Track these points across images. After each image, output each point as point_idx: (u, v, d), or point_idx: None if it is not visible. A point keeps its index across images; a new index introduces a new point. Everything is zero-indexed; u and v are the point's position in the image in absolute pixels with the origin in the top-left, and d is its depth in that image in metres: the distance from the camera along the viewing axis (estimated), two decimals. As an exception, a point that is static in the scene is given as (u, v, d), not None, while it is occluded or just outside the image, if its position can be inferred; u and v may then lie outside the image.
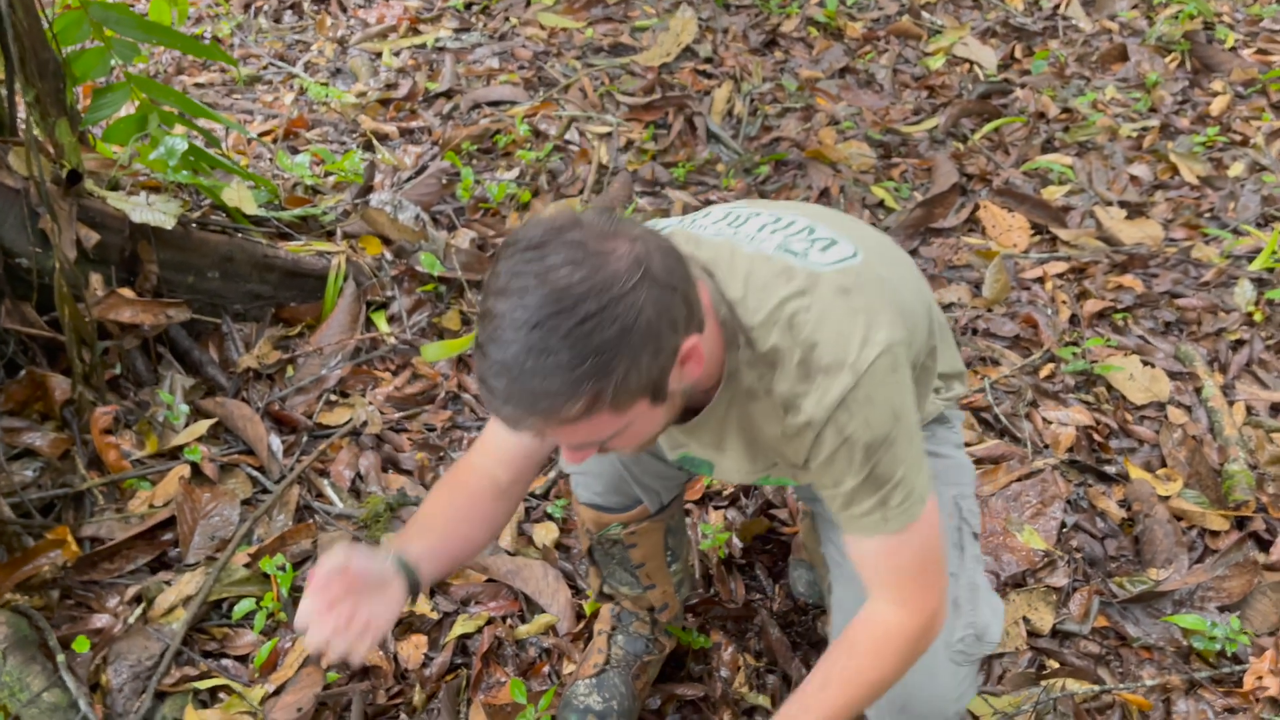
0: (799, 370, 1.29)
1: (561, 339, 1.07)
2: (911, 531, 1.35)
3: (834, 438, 1.29)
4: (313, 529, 2.24)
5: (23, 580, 2.04)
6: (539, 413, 1.11)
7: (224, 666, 1.99)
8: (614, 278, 1.09)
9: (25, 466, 2.25)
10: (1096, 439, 2.50)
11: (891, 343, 1.30)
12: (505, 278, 1.11)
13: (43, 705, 1.84)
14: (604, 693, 1.91)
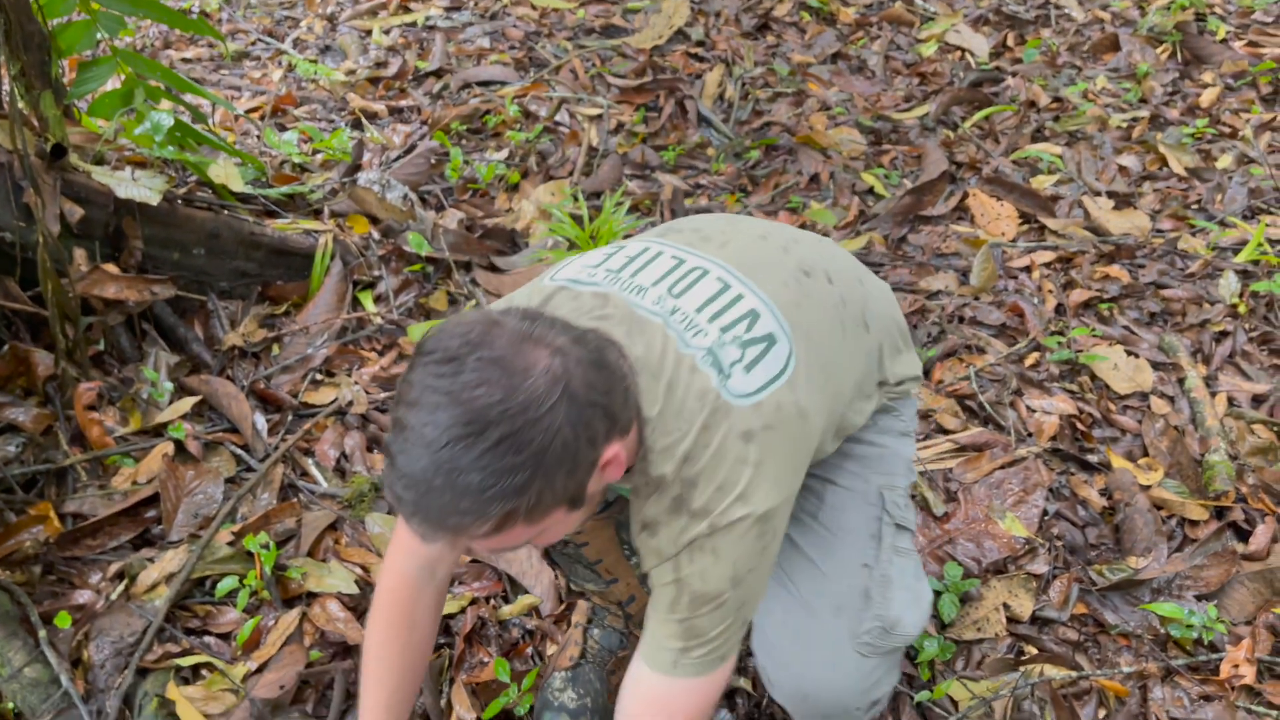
0: (671, 503, 1.28)
1: (473, 461, 1.04)
2: (691, 687, 1.34)
3: (670, 573, 1.30)
4: (297, 508, 2.24)
5: (4, 555, 2.03)
6: (448, 529, 1.10)
7: (206, 644, 1.99)
8: (530, 400, 1.05)
9: (7, 442, 2.24)
10: (1079, 428, 2.51)
11: (768, 508, 1.29)
12: (417, 390, 1.06)
13: (24, 680, 1.84)
14: (579, 688, 1.91)
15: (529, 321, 1.12)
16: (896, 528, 1.67)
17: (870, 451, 1.69)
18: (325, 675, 1.94)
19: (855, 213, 3.37)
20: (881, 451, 1.69)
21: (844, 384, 1.50)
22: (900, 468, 1.72)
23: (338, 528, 2.23)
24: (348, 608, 2.06)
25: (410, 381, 1.07)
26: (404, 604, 1.54)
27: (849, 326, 1.52)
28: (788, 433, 1.32)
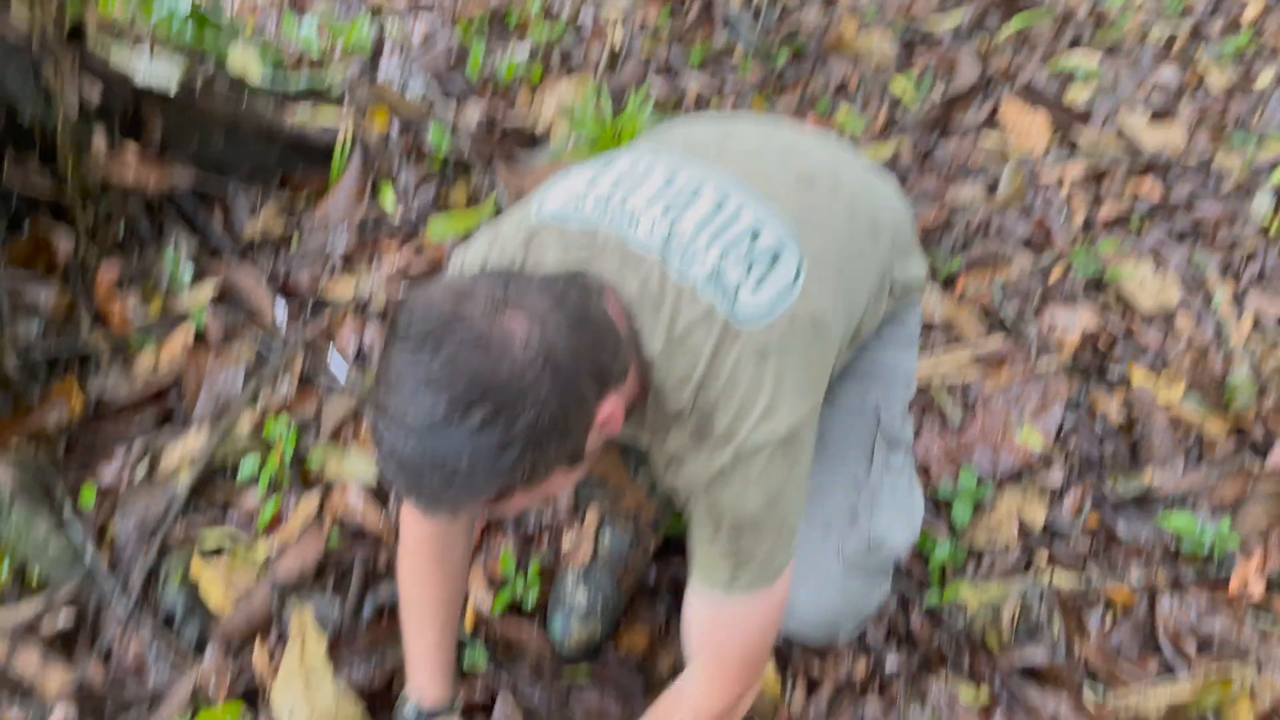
0: (692, 434, 1.25)
1: (460, 444, 1.01)
2: (749, 604, 1.33)
3: (704, 506, 1.28)
4: (317, 395, 2.25)
5: (30, 433, 2.06)
6: (445, 507, 1.08)
7: (229, 525, 2.02)
8: (512, 376, 1.01)
9: (30, 322, 2.25)
10: (1102, 343, 2.49)
11: (790, 426, 1.25)
12: (396, 373, 1.02)
13: (50, 551, 1.87)
14: (589, 589, 1.94)
15: (503, 286, 1.07)
16: (890, 444, 1.66)
17: (871, 368, 1.67)
18: (345, 559, 1.97)
19: (883, 120, 3.30)
20: (882, 367, 1.67)
21: (857, 290, 1.46)
22: (899, 382, 1.70)
23: (358, 416, 2.24)
24: (367, 495, 2.08)
25: (388, 363, 1.03)
26: (428, 547, 1.55)
27: (858, 230, 1.48)
28: (804, 346, 1.29)
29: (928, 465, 2.22)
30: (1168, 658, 1.93)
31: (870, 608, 1.71)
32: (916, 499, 1.71)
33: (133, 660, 1.82)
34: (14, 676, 1.78)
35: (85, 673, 1.79)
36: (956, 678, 1.91)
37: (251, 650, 1.84)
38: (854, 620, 1.71)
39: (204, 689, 1.76)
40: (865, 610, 1.70)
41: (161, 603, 1.88)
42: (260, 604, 1.85)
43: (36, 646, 1.80)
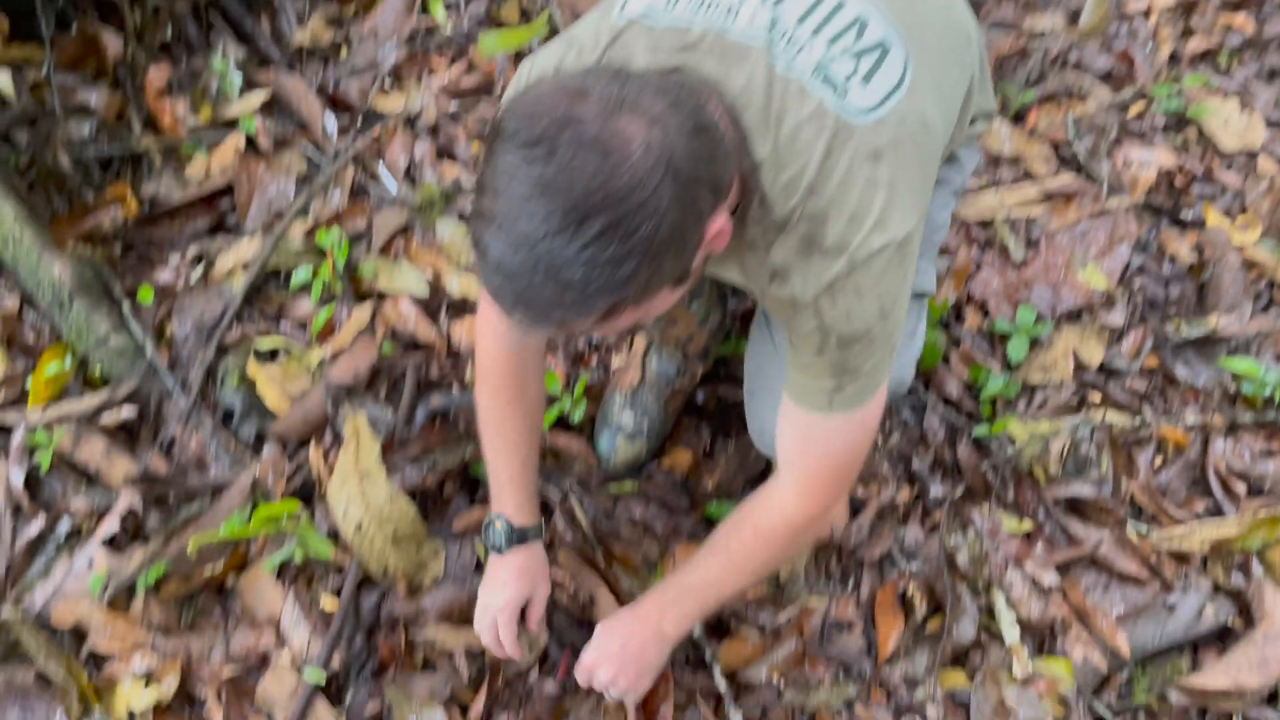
0: (800, 243, 1.17)
1: (575, 254, 0.94)
2: (849, 420, 1.30)
3: (812, 320, 1.21)
4: (367, 208, 2.23)
5: (85, 233, 2.07)
6: (553, 323, 1.01)
7: (283, 330, 2.04)
8: (631, 182, 0.93)
9: (81, 124, 2.23)
10: (1178, 182, 2.39)
11: (906, 233, 1.18)
12: (505, 177, 0.95)
13: (110, 348, 1.91)
14: (636, 411, 1.94)
15: (619, 85, 0.98)
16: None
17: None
18: (398, 367, 1.99)
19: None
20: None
21: (952, 98, 1.39)
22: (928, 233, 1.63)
23: (408, 231, 2.23)
24: (419, 307, 2.09)
25: (495, 167, 0.96)
26: (507, 373, 1.53)
27: (953, 37, 1.40)
28: (915, 146, 1.22)
29: (986, 300, 2.17)
30: (1217, 498, 1.92)
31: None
32: (912, 346, 1.64)
33: (193, 454, 1.87)
34: (80, 466, 1.85)
35: (148, 464, 1.85)
36: (1000, 508, 1.92)
37: (307, 451, 1.88)
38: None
39: (262, 484, 1.81)
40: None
41: (220, 401, 1.92)
42: (315, 406, 1.88)
43: (100, 437, 1.85)
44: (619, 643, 1.50)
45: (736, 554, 1.45)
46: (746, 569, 1.47)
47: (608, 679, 1.49)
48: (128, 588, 1.72)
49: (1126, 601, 1.80)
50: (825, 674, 1.74)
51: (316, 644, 1.70)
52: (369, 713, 1.66)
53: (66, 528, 1.77)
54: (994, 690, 1.70)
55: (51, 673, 1.63)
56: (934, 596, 1.80)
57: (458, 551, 1.80)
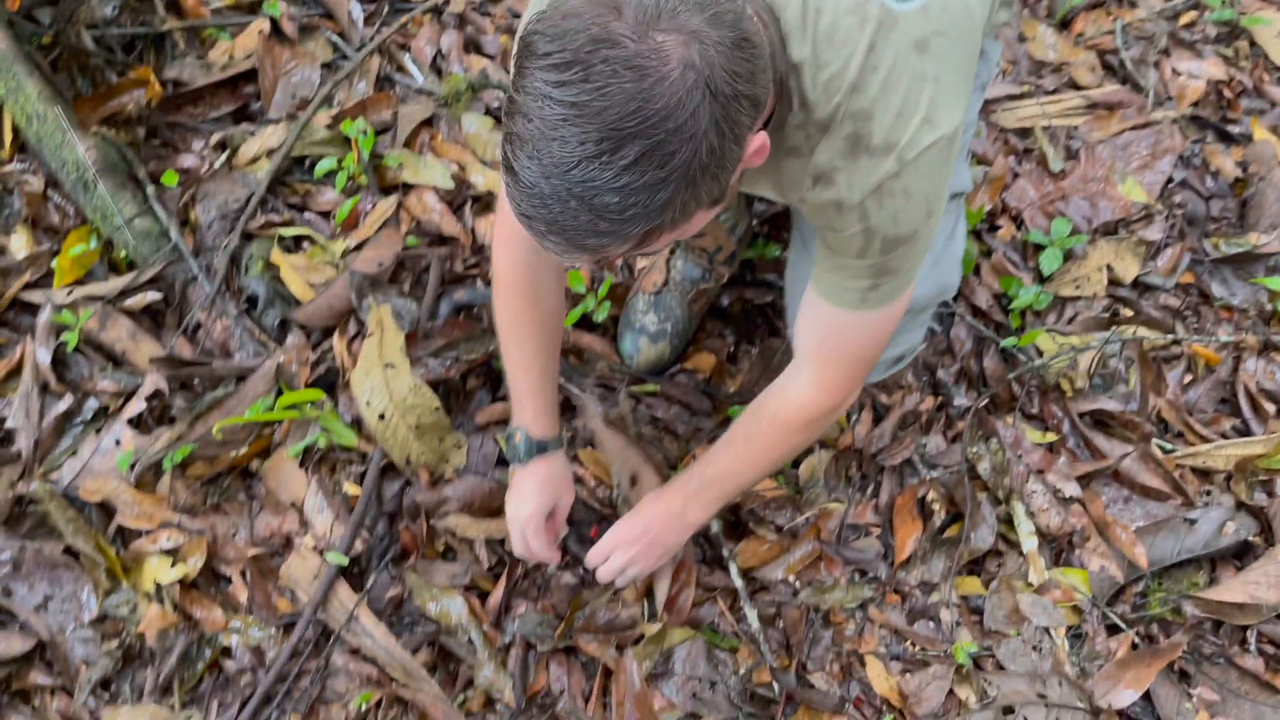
0: (845, 143, 1.13)
1: (610, 181, 0.90)
2: (875, 316, 1.28)
3: (857, 222, 1.17)
4: (393, 99, 2.19)
5: (109, 115, 2.04)
6: (585, 251, 0.97)
7: (307, 219, 2.02)
8: (668, 105, 0.89)
9: (105, 3, 2.18)
10: (1226, 95, 2.32)
11: (954, 127, 1.14)
12: (537, 100, 0.90)
13: (135, 230, 1.90)
14: (660, 313, 1.92)
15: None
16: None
17: None
18: (423, 259, 1.98)
19: None
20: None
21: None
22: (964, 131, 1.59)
23: (433, 123, 2.19)
24: (444, 200, 2.06)
25: (526, 89, 0.91)
26: (524, 284, 1.50)
27: None
28: (959, 34, 1.17)
29: (1020, 211, 2.13)
30: (1245, 417, 1.91)
31: (893, 353, 1.67)
32: (953, 248, 1.62)
33: (218, 340, 1.87)
34: (106, 347, 1.85)
35: (173, 348, 1.85)
36: (1024, 420, 1.90)
37: (330, 340, 1.88)
38: (883, 364, 1.68)
39: (286, 371, 1.82)
40: (893, 353, 1.67)
41: (244, 288, 1.91)
42: (339, 296, 1.88)
43: (126, 319, 1.85)
44: (641, 528, 1.53)
45: (756, 444, 1.47)
46: (765, 458, 1.49)
47: (626, 559, 1.53)
48: (154, 468, 1.74)
49: (1147, 515, 1.80)
50: (841, 576, 1.75)
51: (339, 529, 1.72)
52: (389, 597, 1.69)
53: (93, 407, 1.79)
54: (1009, 597, 1.71)
55: (79, 547, 1.66)
56: (953, 504, 1.81)
57: (480, 444, 1.81)
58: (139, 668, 1.63)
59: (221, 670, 1.64)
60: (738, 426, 1.49)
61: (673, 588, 1.70)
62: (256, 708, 1.58)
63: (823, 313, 1.32)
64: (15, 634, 1.61)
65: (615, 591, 1.69)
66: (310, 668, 1.63)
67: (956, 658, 1.64)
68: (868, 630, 1.71)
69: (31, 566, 1.65)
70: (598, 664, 1.65)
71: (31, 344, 1.81)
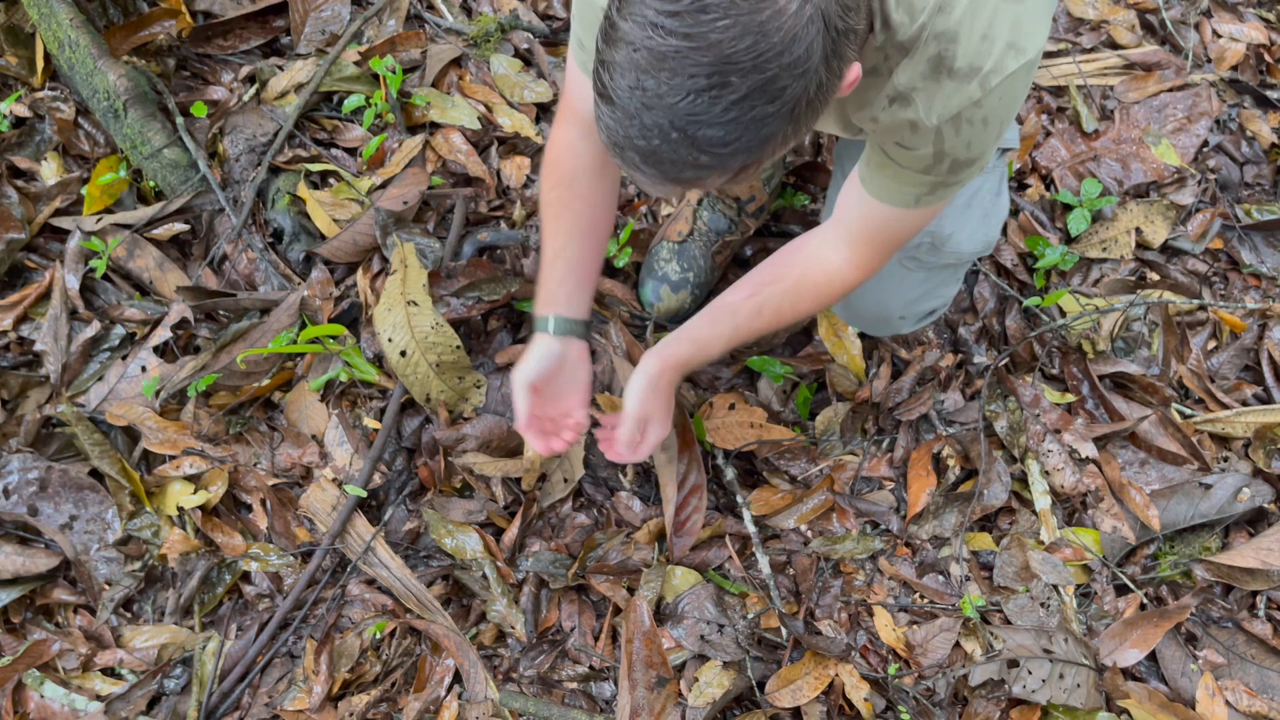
0: (929, 65, 1.10)
1: (719, 114, 0.89)
2: (922, 212, 1.29)
3: (933, 144, 1.16)
4: (422, 38, 2.18)
5: (139, 44, 2.04)
6: (682, 183, 0.96)
7: (334, 155, 2.03)
8: (785, 40, 0.87)
9: (136, -69, 2.18)
10: (1267, 59, 2.27)
11: (1037, 52, 1.12)
12: (641, 28, 0.88)
13: (163, 160, 1.91)
14: (683, 262, 1.92)
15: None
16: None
17: None
18: (447, 199, 1.98)
19: None
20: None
21: None
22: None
23: (462, 63, 2.18)
24: (470, 141, 2.06)
25: (631, 15, 0.88)
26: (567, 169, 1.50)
27: None
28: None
29: (1051, 170, 2.11)
30: (1268, 385, 1.89)
31: (932, 305, 1.67)
32: (1000, 204, 1.61)
33: (244, 272, 1.89)
34: (133, 275, 1.87)
35: (199, 278, 1.87)
36: (1044, 380, 1.90)
37: (354, 276, 1.89)
38: (911, 316, 1.67)
39: (310, 305, 1.83)
40: (922, 307, 1.66)
41: (270, 221, 1.92)
42: (364, 232, 1.88)
43: (154, 248, 1.87)
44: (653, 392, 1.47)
45: (786, 314, 1.45)
46: (786, 326, 1.50)
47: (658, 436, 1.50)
48: (178, 395, 1.76)
49: (1162, 479, 1.79)
50: (853, 527, 1.76)
51: (358, 463, 1.74)
52: (406, 530, 1.72)
53: (120, 334, 1.81)
54: (1019, 553, 1.71)
55: (105, 470, 1.69)
56: (968, 461, 1.81)
57: (499, 383, 1.82)
58: (160, 589, 1.66)
59: (241, 595, 1.67)
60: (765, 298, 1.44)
61: (683, 513, 1.71)
62: (274, 632, 1.62)
63: (868, 205, 1.33)
64: (41, 551, 1.65)
65: (629, 535, 1.71)
66: (327, 596, 1.67)
67: (964, 611, 1.66)
68: (877, 581, 1.72)
69: (58, 487, 1.68)
70: (608, 603, 1.68)
71: (60, 270, 1.84)
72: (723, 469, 1.78)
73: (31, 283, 1.85)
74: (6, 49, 2.03)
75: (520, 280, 1.87)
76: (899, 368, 1.90)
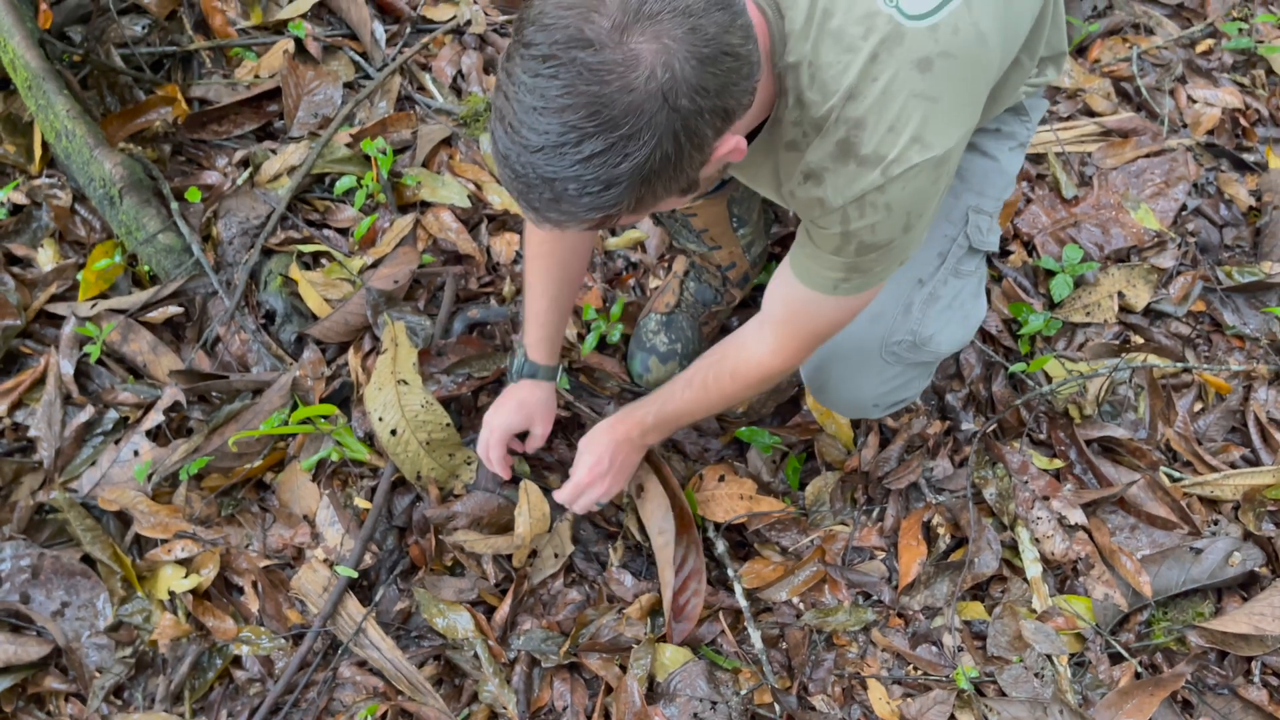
0: (837, 147, 1.16)
1: (569, 168, 0.98)
2: (842, 302, 1.34)
3: (838, 224, 1.22)
4: (413, 119, 2.23)
5: (136, 132, 2.09)
6: (551, 222, 1.06)
7: (326, 236, 2.06)
8: (630, 108, 0.95)
9: (134, 22, 2.24)
10: (1242, 123, 2.32)
11: (946, 150, 1.16)
12: (515, 85, 0.98)
13: (158, 245, 1.94)
14: (671, 333, 1.95)
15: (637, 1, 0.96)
16: (969, 250, 1.60)
17: (979, 164, 1.59)
18: (438, 277, 2.01)
19: None
20: (989, 166, 1.59)
21: (1021, 17, 1.33)
22: (997, 186, 1.61)
23: (452, 143, 2.23)
24: (460, 219, 2.09)
25: (509, 72, 0.99)
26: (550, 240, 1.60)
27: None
28: (967, 61, 1.18)
29: (1032, 236, 2.14)
30: (1255, 447, 1.90)
31: (905, 395, 1.70)
32: (979, 306, 1.65)
33: (236, 353, 1.91)
34: (127, 359, 1.89)
35: (192, 361, 1.89)
36: (1031, 445, 1.91)
37: (346, 355, 1.91)
38: (883, 404, 1.70)
39: (301, 385, 1.85)
40: (898, 397, 1.69)
41: (262, 303, 1.95)
42: (355, 312, 1.91)
43: (147, 332, 1.89)
44: (607, 460, 1.65)
45: (712, 390, 1.56)
46: (716, 403, 1.59)
47: (599, 493, 1.66)
48: (171, 478, 1.77)
49: (1153, 543, 1.80)
50: (845, 598, 1.76)
51: (349, 542, 1.75)
52: (397, 610, 1.72)
53: (114, 418, 1.83)
54: (1012, 623, 1.71)
55: (96, 555, 1.69)
56: (958, 528, 1.81)
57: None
58: (151, 675, 1.66)
59: (231, 679, 1.67)
60: (697, 371, 1.57)
61: (682, 597, 1.71)
62: (265, 717, 1.61)
63: (793, 288, 1.37)
64: (32, 640, 1.64)
65: (620, 610, 1.71)
66: (318, 679, 1.66)
67: (958, 683, 1.65)
68: (870, 653, 1.72)
69: (50, 573, 1.68)
70: (600, 681, 1.67)
71: (55, 355, 1.86)
72: (714, 542, 1.78)
73: (26, 368, 1.88)
74: (5, 138, 2.07)
75: (509, 355, 1.89)
76: (887, 436, 1.92)
